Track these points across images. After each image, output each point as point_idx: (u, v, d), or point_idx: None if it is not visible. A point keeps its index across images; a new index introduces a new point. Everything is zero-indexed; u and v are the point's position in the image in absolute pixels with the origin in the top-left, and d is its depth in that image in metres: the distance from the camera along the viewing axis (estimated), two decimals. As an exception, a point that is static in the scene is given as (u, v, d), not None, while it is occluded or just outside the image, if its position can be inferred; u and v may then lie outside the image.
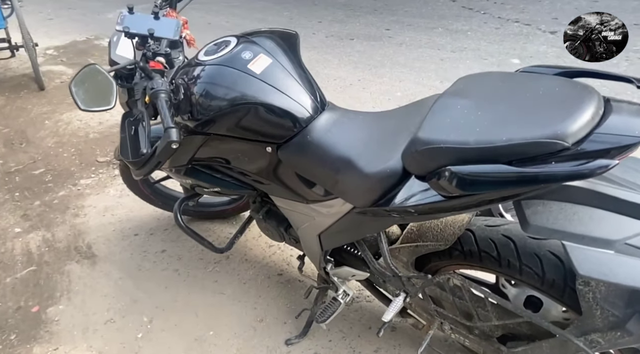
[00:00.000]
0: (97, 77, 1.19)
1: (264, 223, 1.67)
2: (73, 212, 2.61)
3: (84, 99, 1.17)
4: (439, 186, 0.90)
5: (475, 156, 0.83)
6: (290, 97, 1.24)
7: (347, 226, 1.26)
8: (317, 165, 1.22)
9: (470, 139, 0.85)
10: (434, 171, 0.90)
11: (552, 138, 0.77)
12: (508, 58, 4.11)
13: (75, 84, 1.17)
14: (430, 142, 0.90)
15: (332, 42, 5.13)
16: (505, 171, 0.79)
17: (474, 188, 0.84)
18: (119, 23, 1.35)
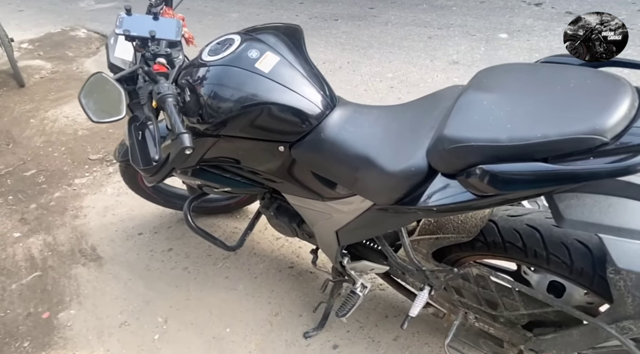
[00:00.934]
0: (105, 86, 1.16)
1: (275, 219, 1.66)
2: (72, 213, 2.57)
3: (95, 110, 1.14)
4: (469, 184, 0.91)
5: (509, 153, 0.83)
6: (301, 95, 1.21)
7: (366, 223, 1.27)
8: (334, 163, 1.21)
9: (502, 136, 0.84)
10: (463, 169, 0.90)
11: (590, 133, 0.76)
12: (496, 33, 4.10)
13: (84, 95, 1.14)
14: (459, 140, 0.89)
15: (316, 23, 5.04)
16: (544, 169, 0.79)
17: (509, 187, 0.84)
18: (118, 26, 1.30)
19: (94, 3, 7.24)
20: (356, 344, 1.69)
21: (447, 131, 0.93)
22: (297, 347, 1.71)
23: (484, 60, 3.63)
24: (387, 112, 1.24)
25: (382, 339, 1.69)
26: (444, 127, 0.94)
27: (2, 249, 2.35)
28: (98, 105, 1.14)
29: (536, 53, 3.61)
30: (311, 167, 1.29)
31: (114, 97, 1.14)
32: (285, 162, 1.32)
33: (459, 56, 3.78)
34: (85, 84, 1.14)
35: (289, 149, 1.27)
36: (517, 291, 1.15)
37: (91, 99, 1.14)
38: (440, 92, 1.18)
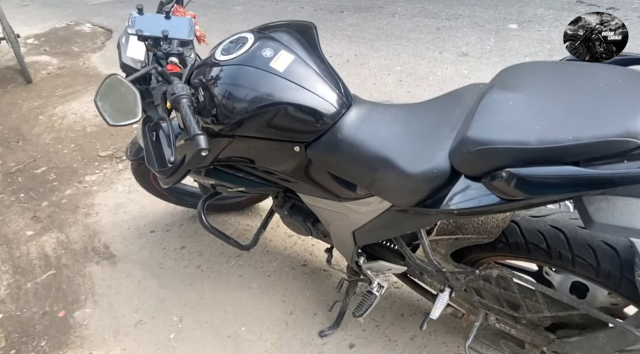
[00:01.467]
0: (120, 89, 1.14)
1: (289, 219, 1.65)
2: (84, 211, 2.57)
3: (111, 113, 1.12)
4: (495, 188, 0.89)
5: (538, 156, 0.81)
6: (316, 94, 1.20)
7: (384, 224, 1.25)
8: (351, 163, 1.19)
9: (531, 138, 0.82)
10: (488, 172, 0.89)
11: (624, 136, 0.75)
12: (505, 23, 4.05)
13: (100, 98, 1.12)
14: (485, 142, 0.87)
15: (322, 15, 5.00)
16: (576, 173, 0.77)
17: (538, 191, 0.82)
18: (130, 26, 1.29)
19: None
20: (372, 343, 1.69)
21: (472, 132, 0.91)
22: (313, 346, 1.71)
23: (494, 52, 3.59)
24: (405, 111, 1.22)
25: (399, 338, 1.69)
26: (467, 128, 0.92)
27: (16, 247, 2.36)
28: (114, 107, 1.13)
29: (547, 44, 3.56)
30: (327, 167, 1.27)
31: (129, 99, 1.13)
32: (301, 162, 1.31)
33: (468, 48, 3.74)
34: (100, 86, 1.13)
35: (305, 149, 1.25)
36: (541, 293, 1.14)
37: (107, 101, 1.13)
38: (461, 91, 1.16)
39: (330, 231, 1.49)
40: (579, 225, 1.07)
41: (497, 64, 3.40)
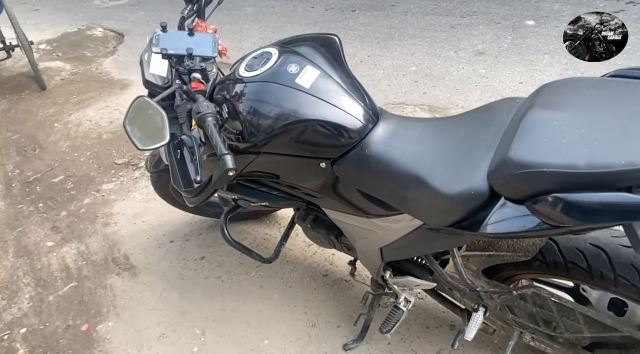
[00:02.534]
0: (148, 111, 1.12)
1: (312, 232, 1.63)
2: (103, 221, 2.58)
3: (141, 137, 1.11)
4: (540, 213, 0.86)
5: (588, 182, 0.78)
6: (344, 111, 1.17)
7: (415, 242, 1.22)
8: (380, 181, 1.17)
9: (580, 162, 0.79)
10: (532, 196, 0.85)
11: None
12: (522, 20, 3.97)
13: (129, 123, 1.11)
14: (529, 166, 0.84)
15: (334, 15, 4.95)
16: (631, 201, 0.73)
17: (588, 218, 0.79)
18: (155, 44, 1.27)
19: (108, 0, 7.22)
20: (399, 357, 1.67)
21: (514, 154, 0.87)
22: (338, 360, 1.70)
23: (512, 50, 3.52)
24: (435, 127, 1.19)
25: (426, 352, 1.66)
26: (508, 149, 0.89)
27: (37, 259, 2.37)
28: (143, 131, 1.11)
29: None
30: (355, 184, 1.25)
31: (156, 120, 1.11)
32: (327, 178, 1.28)
33: (484, 46, 3.67)
34: (129, 110, 1.11)
35: (331, 166, 1.23)
36: (582, 313, 1.10)
37: (135, 125, 1.11)
38: (494, 106, 1.13)
39: (356, 246, 1.46)
40: (621, 243, 1.03)
41: (515, 62, 3.34)
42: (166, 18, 5.56)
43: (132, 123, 1.10)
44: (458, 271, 1.22)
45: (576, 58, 3.30)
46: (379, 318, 1.77)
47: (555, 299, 1.11)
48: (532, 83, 3.08)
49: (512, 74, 3.22)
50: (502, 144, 0.95)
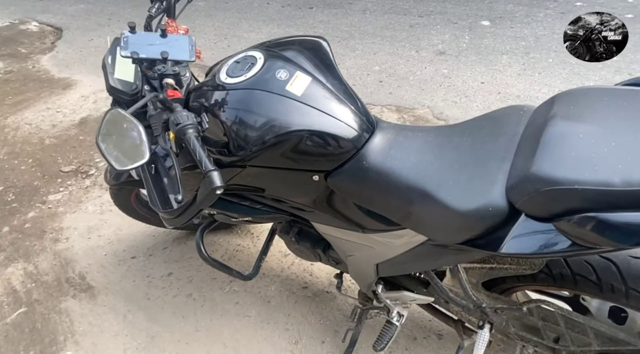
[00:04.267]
0: (122, 124, 0.98)
1: (296, 245, 1.53)
2: (51, 237, 2.34)
3: (117, 156, 0.96)
4: (569, 232, 0.81)
5: (625, 200, 0.73)
6: (338, 119, 1.08)
7: (417, 258, 1.16)
8: (380, 194, 1.09)
9: (615, 179, 0.74)
10: (561, 214, 0.80)
11: None
12: (478, 20, 4.04)
13: (102, 139, 0.96)
14: (559, 182, 0.78)
15: (290, 12, 4.84)
16: None
17: (628, 240, 0.74)
18: (124, 47, 1.12)
19: (42, -8, 6.70)
20: (389, 372, 1.61)
21: (539, 169, 0.82)
22: (326, 379, 1.61)
23: (471, 50, 3.57)
24: (436, 136, 1.12)
25: (417, 365, 1.61)
26: (531, 164, 0.83)
27: (-23, 283, 2.11)
28: (118, 148, 0.97)
29: (522, 41, 3.57)
30: (351, 197, 1.16)
31: (133, 135, 0.97)
32: (319, 192, 1.19)
33: (444, 46, 3.70)
34: (100, 125, 0.96)
35: (325, 179, 1.14)
36: (592, 328, 1.08)
37: (110, 142, 0.96)
38: (498, 114, 1.07)
39: (347, 260, 1.38)
40: (630, 255, 1.01)
41: (474, 62, 3.38)
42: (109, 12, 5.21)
43: (106, 139, 0.95)
44: (462, 287, 1.16)
45: (533, 59, 3.38)
46: (367, 331, 1.70)
47: (564, 313, 1.08)
48: (494, 83, 3.12)
49: (474, 73, 3.25)
50: (520, 157, 0.90)
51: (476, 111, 2.89)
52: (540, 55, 3.34)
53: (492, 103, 2.92)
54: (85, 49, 4.61)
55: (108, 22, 5.20)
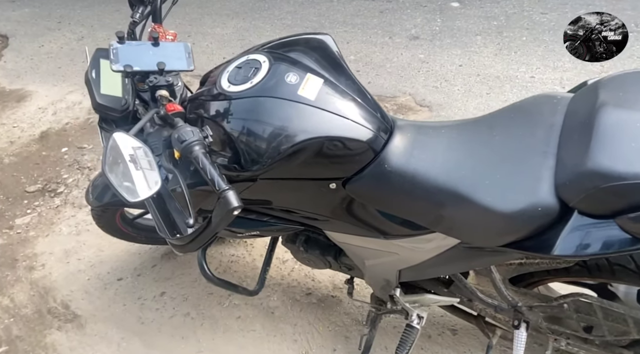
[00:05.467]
0: (128, 149, 0.86)
1: (304, 254, 1.44)
2: (25, 264, 2.15)
3: (127, 186, 0.84)
4: (632, 228, 0.74)
5: None
6: (355, 122, 1.00)
7: (447, 262, 1.09)
8: (406, 199, 1.01)
9: None
10: (624, 211, 0.74)
11: None
12: (447, 2, 3.98)
13: (110, 169, 0.83)
14: (623, 177, 0.72)
15: (255, 4, 4.66)
16: None
17: None
18: (114, 60, 0.99)
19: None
20: (410, 376, 1.54)
21: (597, 163, 0.75)
22: (344, 390, 1.53)
23: (444, 33, 3.52)
24: (460, 132, 1.05)
25: (439, 366, 1.55)
26: (586, 159, 0.77)
27: (-54, 324, 1.91)
28: (126, 176, 0.84)
29: (494, 21, 3.55)
30: (373, 203, 1.08)
31: (141, 160, 0.86)
32: (336, 199, 1.10)
33: (417, 30, 3.63)
34: (105, 152, 0.83)
35: (343, 186, 1.05)
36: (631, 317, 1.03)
37: (118, 171, 0.84)
38: (528, 105, 1.00)
39: (365, 268, 1.29)
40: None
41: (450, 45, 3.33)
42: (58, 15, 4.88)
43: (114, 169, 0.83)
44: (496, 288, 1.10)
45: (507, 38, 3.36)
46: (381, 335, 1.63)
47: (603, 305, 1.03)
48: (471, 65, 3.09)
49: (450, 57, 3.20)
50: (569, 151, 0.83)
51: (458, 94, 2.85)
52: (513, 34, 3.33)
53: (473, 85, 2.88)
54: (36, 57, 4.31)
55: (58, 26, 4.87)
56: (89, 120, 3.25)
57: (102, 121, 1.22)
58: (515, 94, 2.73)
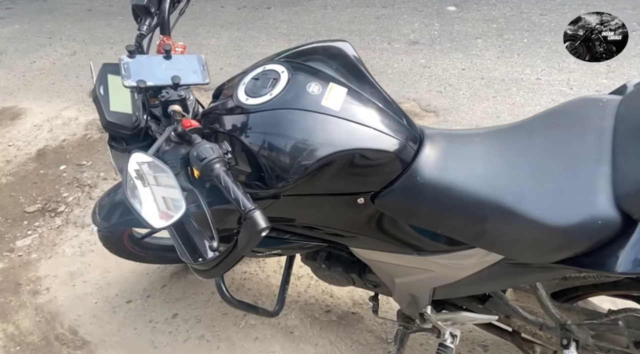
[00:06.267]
0: (148, 171, 0.80)
1: (326, 272, 1.38)
2: (29, 289, 2.07)
3: (153, 212, 0.77)
4: None
5: None
6: (383, 132, 0.95)
7: (488, 279, 1.03)
8: (442, 213, 0.96)
9: None
10: None
11: None
12: (443, 6, 3.98)
13: (131, 194, 0.77)
14: None
15: (248, 14, 4.62)
16: None
17: None
18: (126, 76, 0.93)
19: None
20: (442, 394, 1.48)
21: None
22: (374, 412, 1.47)
23: (444, 37, 3.49)
24: (497, 139, 1.00)
25: (471, 383, 1.50)
26: None
27: (-52, 357, 1.83)
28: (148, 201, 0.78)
29: (493, 23, 3.53)
30: (405, 218, 1.03)
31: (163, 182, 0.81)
32: (364, 215, 1.05)
33: (416, 35, 3.61)
34: (126, 176, 0.76)
35: (372, 200, 1.00)
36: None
37: (141, 195, 0.78)
38: (572, 108, 0.96)
39: (395, 286, 1.24)
40: None
41: (450, 49, 3.31)
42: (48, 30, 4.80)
43: (135, 193, 0.77)
44: (543, 306, 1.05)
45: (507, 40, 3.34)
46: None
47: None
48: (474, 68, 3.06)
49: (452, 61, 3.18)
50: (628, 158, 0.78)
51: (464, 98, 2.81)
52: (514, 36, 3.31)
53: (478, 89, 2.85)
54: (28, 73, 4.23)
55: (49, 41, 4.79)
56: (87, 136, 3.18)
57: (112, 139, 1.16)
58: (523, 97, 2.70)
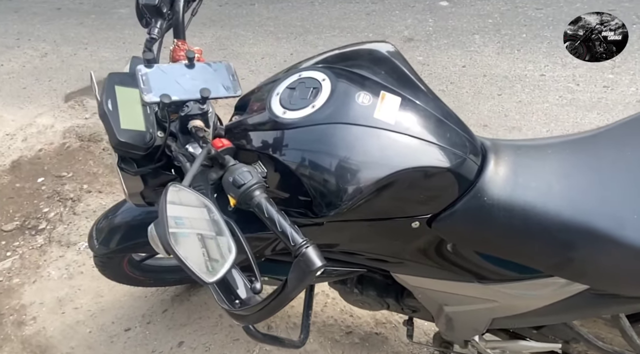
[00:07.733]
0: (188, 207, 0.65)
1: (358, 296, 1.25)
2: (13, 319, 1.87)
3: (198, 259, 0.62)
4: None
5: None
6: (444, 146, 0.82)
7: (564, 310, 0.92)
8: (515, 238, 0.84)
9: None
10: None
11: None
12: (435, 1, 3.88)
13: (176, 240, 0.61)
14: None
15: (231, 10, 4.43)
16: None
17: None
18: (146, 90, 0.77)
19: None
20: None
21: None
22: None
23: (439, 33, 3.39)
24: (575, 151, 0.88)
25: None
26: None
27: None
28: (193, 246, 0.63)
29: (488, 18, 3.45)
30: (468, 244, 0.91)
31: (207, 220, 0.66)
32: (418, 240, 0.92)
33: (410, 32, 3.50)
34: (164, 218, 0.60)
35: (428, 224, 0.87)
36: None
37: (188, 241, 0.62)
38: None
39: (442, 313, 1.11)
40: None
41: (447, 45, 3.21)
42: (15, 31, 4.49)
43: (180, 239, 0.61)
44: (627, 336, 0.94)
45: (506, 36, 3.26)
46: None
47: None
48: (475, 65, 2.97)
49: (451, 58, 3.08)
50: None
51: (468, 97, 2.72)
52: (512, 31, 3.24)
53: (482, 87, 2.76)
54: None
55: (17, 42, 4.49)
56: (65, 145, 2.95)
57: (121, 160, 0.99)
58: (529, 94, 2.62)
